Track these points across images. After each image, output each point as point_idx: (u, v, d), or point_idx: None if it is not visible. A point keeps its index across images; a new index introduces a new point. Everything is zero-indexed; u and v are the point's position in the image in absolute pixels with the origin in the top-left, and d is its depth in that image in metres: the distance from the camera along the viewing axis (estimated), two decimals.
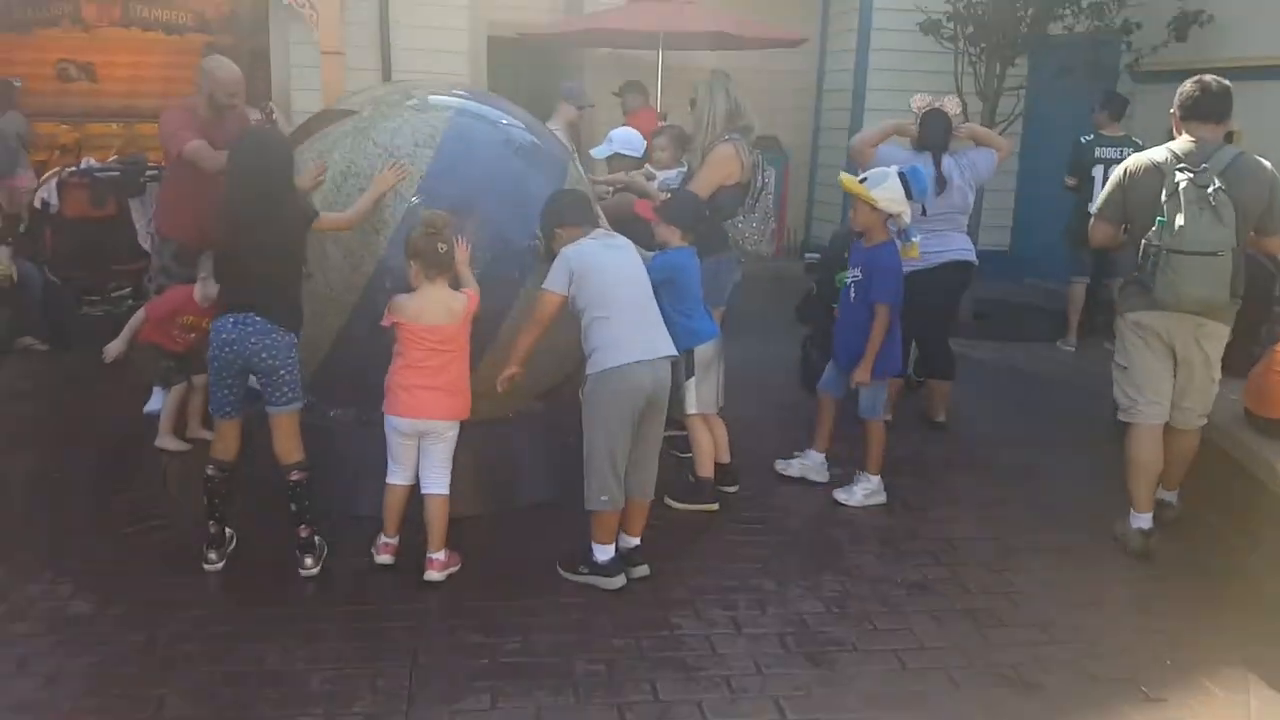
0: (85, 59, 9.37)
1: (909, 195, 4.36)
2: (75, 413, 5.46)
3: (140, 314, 4.81)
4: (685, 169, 4.90)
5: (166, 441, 4.84)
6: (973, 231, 5.69)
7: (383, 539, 3.76)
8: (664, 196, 4.54)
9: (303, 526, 3.70)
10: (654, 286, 3.86)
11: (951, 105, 5.35)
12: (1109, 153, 6.87)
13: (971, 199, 5.37)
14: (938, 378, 5.64)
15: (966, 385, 6.02)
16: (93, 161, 7.72)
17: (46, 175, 7.47)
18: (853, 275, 4.55)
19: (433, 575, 3.67)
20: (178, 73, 8.85)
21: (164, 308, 4.77)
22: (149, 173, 7.34)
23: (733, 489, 4.60)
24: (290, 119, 5.83)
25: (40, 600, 3.46)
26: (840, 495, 4.58)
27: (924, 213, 4.97)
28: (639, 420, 3.61)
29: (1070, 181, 7.21)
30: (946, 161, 5.27)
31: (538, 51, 10.47)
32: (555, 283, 3.62)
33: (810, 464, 4.80)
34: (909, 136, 5.40)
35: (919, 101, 5.34)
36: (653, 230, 4.25)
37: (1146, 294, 3.90)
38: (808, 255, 6.98)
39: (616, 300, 3.60)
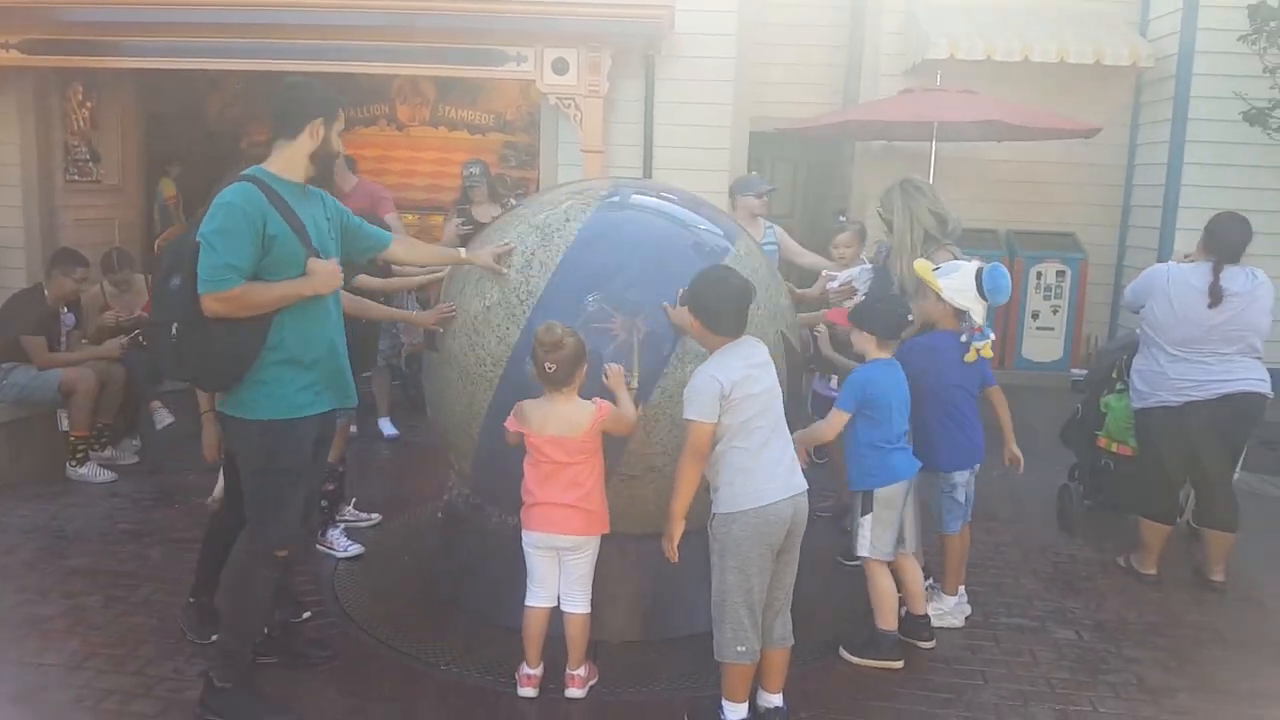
0: (350, 153, 10.26)
1: (981, 294, 3.80)
2: None
3: None
4: (869, 265, 4.54)
5: None
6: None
7: (525, 669, 3.55)
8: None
9: None
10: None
11: None
12: None
13: (1267, 319, 4.39)
14: (1216, 528, 4.64)
15: (1255, 534, 4.97)
16: None
17: None
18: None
19: (574, 692, 3.52)
20: (447, 169, 9.48)
21: None
22: None
23: (926, 644, 3.96)
24: None
25: (167, 680, 3.48)
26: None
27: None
28: (775, 556, 3.19)
29: None
30: (1230, 271, 4.35)
31: (808, 144, 10.29)
32: (706, 412, 3.09)
33: (944, 608, 4.18)
34: None
35: None
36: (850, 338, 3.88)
37: None
38: (1074, 372, 6.07)
39: (760, 430, 3.16)
